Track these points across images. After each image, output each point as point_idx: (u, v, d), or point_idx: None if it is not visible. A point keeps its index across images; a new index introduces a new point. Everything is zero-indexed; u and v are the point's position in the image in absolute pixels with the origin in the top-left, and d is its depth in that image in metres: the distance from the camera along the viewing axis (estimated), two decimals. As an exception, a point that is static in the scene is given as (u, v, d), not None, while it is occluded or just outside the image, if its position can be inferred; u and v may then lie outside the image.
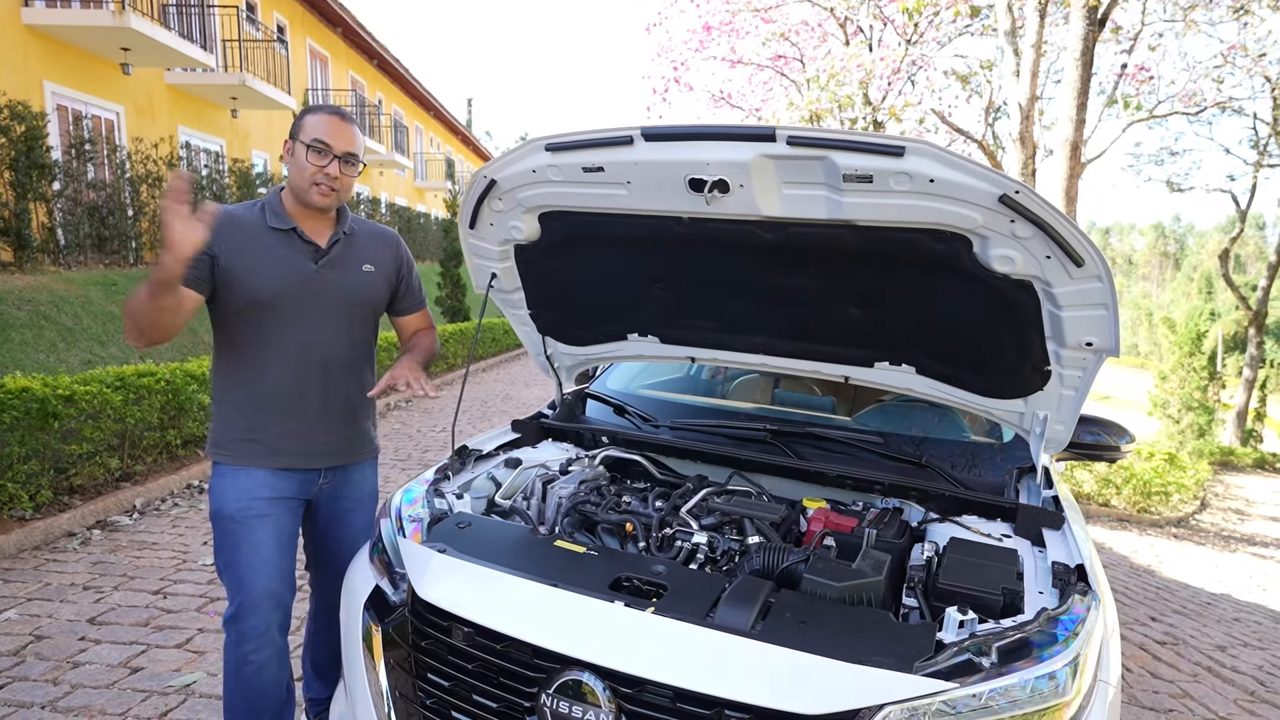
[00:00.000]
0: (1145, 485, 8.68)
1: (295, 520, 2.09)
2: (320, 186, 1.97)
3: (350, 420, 2.15)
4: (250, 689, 2.01)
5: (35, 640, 3.10)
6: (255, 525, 1.97)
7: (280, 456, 2.02)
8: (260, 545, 1.97)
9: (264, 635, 1.98)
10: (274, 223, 2.01)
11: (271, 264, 1.97)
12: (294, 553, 2.08)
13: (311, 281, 2.02)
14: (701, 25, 12.04)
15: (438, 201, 29.25)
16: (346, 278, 2.08)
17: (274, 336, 1.99)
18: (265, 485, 2.00)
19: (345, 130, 1.98)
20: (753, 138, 1.65)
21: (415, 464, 6.53)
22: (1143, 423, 16.32)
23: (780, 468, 2.25)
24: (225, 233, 1.93)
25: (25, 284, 7.44)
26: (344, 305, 2.08)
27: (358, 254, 2.13)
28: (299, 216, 2.04)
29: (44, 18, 9.51)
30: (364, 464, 2.25)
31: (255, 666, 1.99)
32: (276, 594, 1.99)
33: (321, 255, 2.05)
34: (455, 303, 14.29)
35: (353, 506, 2.22)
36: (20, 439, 4.21)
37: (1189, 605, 5.32)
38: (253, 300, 1.96)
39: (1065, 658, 1.39)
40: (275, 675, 2.04)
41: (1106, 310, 1.71)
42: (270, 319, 1.98)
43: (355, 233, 2.15)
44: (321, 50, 18.61)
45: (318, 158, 1.95)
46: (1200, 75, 11.49)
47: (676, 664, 1.41)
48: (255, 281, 1.95)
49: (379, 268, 2.17)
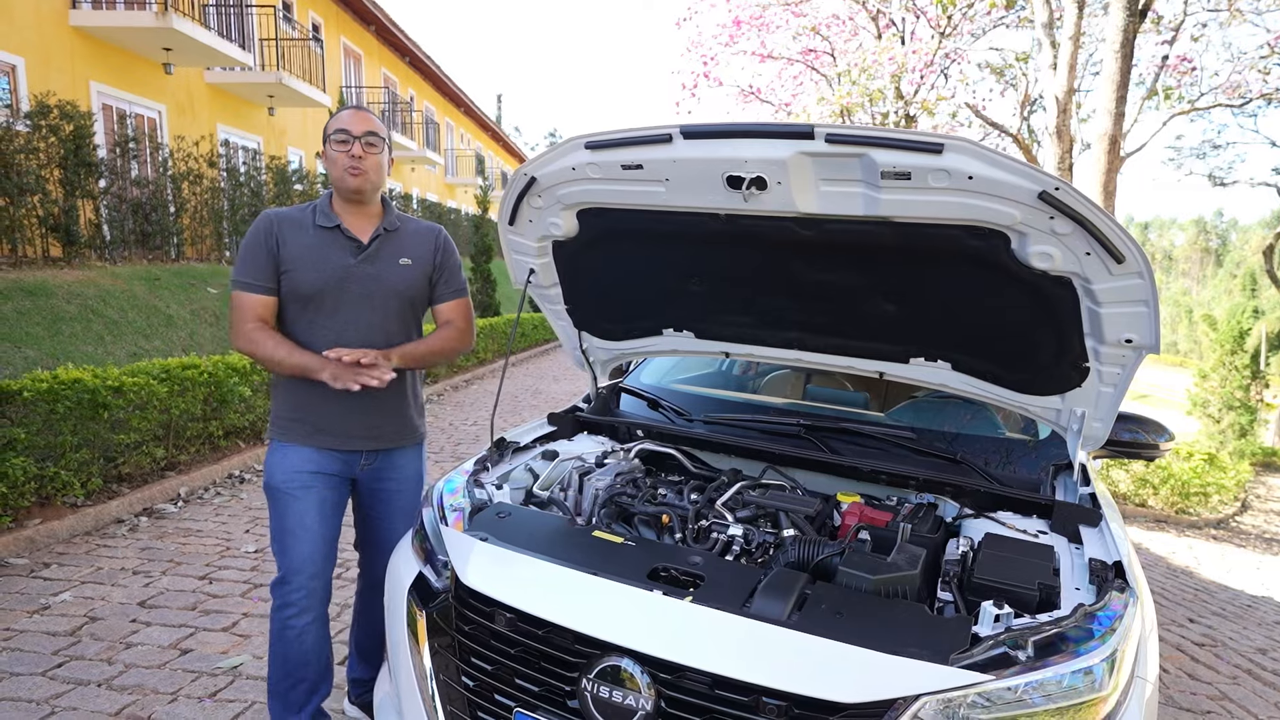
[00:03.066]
0: (1184, 486, 8.50)
1: (339, 493, 2.23)
2: (351, 169, 2.12)
3: (387, 408, 2.24)
4: (292, 654, 2.15)
5: (90, 621, 3.22)
6: (299, 495, 2.13)
7: (322, 436, 2.17)
8: (303, 514, 2.13)
9: (305, 600, 2.13)
10: (321, 221, 2.17)
11: (316, 259, 2.13)
12: (337, 524, 2.23)
13: (351, 274, 2.15)
14: (731, 20, 11.98)
15: (468, 197, 29.50)
16: (384, 271, 2.19)
17: (318, 326, 2.14)
18: (309, 460, 2.16)
19: (361, 116, 2.15)
20: (791, 135, 1.67)
21: (448, 456, 6.63)
22: (1182, 422, 15.96)
23: (814, 462, 2.27)
24: (282, 231, 2.14)
25: (74, 279, 7.67)
26: (381, 297, 2.18)
27: (398, 249, 2.23)
28: (344, 215, 2.19)
29: (90, 19, 9.78)
30: (407, 449, 2.33)
31: (296, 632, 2.14)
32: (317, 560, 2.14)
33: (362, 250, 2.17)
34: (486, 298, 14.42)
35: (397, 488, 2.32)
36: (72, 428, 4.37)
37: (1228, 608, 5.23)
38: (299, 293, 2.13)
39: (1102, 653, 1.39)
40: (315, 643, 2.18)
41: (1147, 307, 1.70)
42: (314, 310, 2.14)
43: (399, 229, 2.25)
44: (355, 48, 18.86)
45: (342, 145, 2.12)
46: (1246, 67, 11.18)
47: (715, 652, 1.44)
48: (302, 276, 2.12)
49: (416, 261, 2.26)
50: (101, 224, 8.84)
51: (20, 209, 7.55)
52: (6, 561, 3.81)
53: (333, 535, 2.20)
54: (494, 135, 35.30)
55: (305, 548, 2.12)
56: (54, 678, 2.78)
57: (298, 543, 2.11)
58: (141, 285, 8.42)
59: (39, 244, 7.97)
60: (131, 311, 7.80)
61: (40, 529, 4.05)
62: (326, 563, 2.17)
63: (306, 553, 2.12)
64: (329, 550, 2.18)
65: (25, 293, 6.86)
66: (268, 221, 2.15)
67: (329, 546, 2.18)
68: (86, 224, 8.46)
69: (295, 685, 2.17)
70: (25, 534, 3.96)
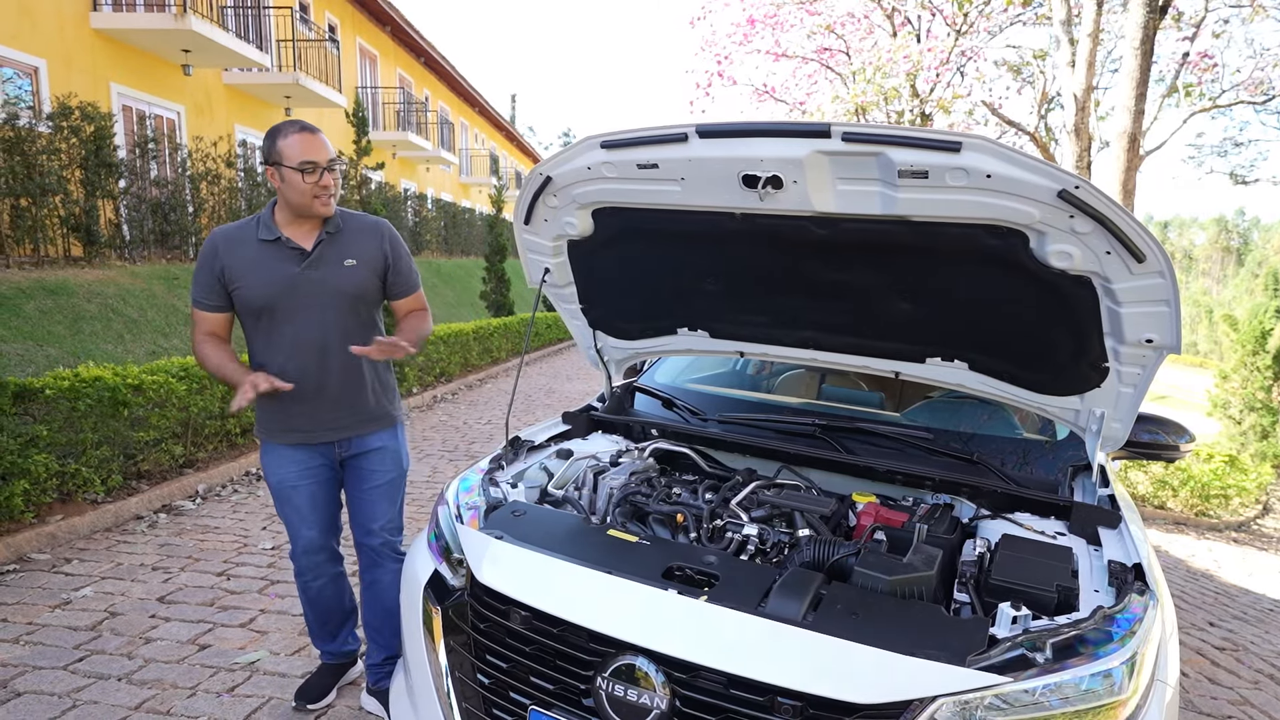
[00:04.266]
0: (1204, 488, 8.39)
1: (327, 484, 2.43)
2: (321, 198, 2.20)
3: (353, 399, 2.37)
4: (317, 604, 2.56)
5: (110, 616, 3.26)
6: (290, 494, 2.39)
7: (297, 433, 2.35)
8: (299, 507, 2.40)
9: (316, 569, 2.48)
10: (263, 235, 2.25)
11: (262, 273, 2.23)
12: (332, 506, 2.47)
13: (297, 282, 2.24)
14: (746, 19, 11.95)
15: (482, 197, 29.60)
16: (329, 275, 2.27)
17: (274, 334, 2.27)
18: (293, 461, 2.37)
19: (320, 142, 2.20)
20: (808, 134, 1.66)
21: (462, 455, 6.66)
22: (1202, 423, 15.74)
23: (829, 462, 2.26)
24: (225, 251, 2.23)
25: (94, 278, 7.77)
26: (330, 299, 2.27)
27: (341, 250, 2.30)
28: (286, 226, 2.27)
29: (110, 22, 9.90)
30: (382, 432, 2.45)
31: (315, 590, 2.51)
32: (318, 541, 2.44)
33: (305, 258, 2.25)
34: (500, 297, 14.46)
35: (373, 467, 2.45)
36: (93, 425, 4.42)
37: (1250, 611, 5.15)
38: (250, 306, 2.25)
39: (1121, 656, 1.38)
40: (333, 595, 2.56)
41: (1168, 307, 1.68)
42: (268, 319, 2.26)
43: (342, 229, 2.32)
44: (371, 49, 18.97)
45: (312, 176, 2.17)
46: (1269, 63, 11.02)
47: (729, 651, 1.44)
48: (250, 290, 2.23)
49: (362, 260, 2.32)
50: (121, 224, 8.95)
51: (42, 209, 7.65)
52: (29, 557, 3.86)
53: (329, 517, 2.45)
54: (508, 135, 35.40)
55: (305, 532, 2.41)
56: (75, 671, 2.81)
57: (299, 529, 2.41)
58: (160, 284, 8.52)
59: (60, 244, 8.08)
60: (151, 310, 7.90)
61: (62, 525, 4.11)
62: (327, 539, 2.45)
63: (307, 536, 2.41)
64: (328, 527, 2.45)
65: (47, 292, 6.96)
66: (212, 243, 2.25)
67: (327, 526, 2.45)
68: (107, 224, 8.57)
69: (325, 623, 2.60)
70: (47, 530, 4.02)
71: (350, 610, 2.65)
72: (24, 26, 8.84)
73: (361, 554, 2.51)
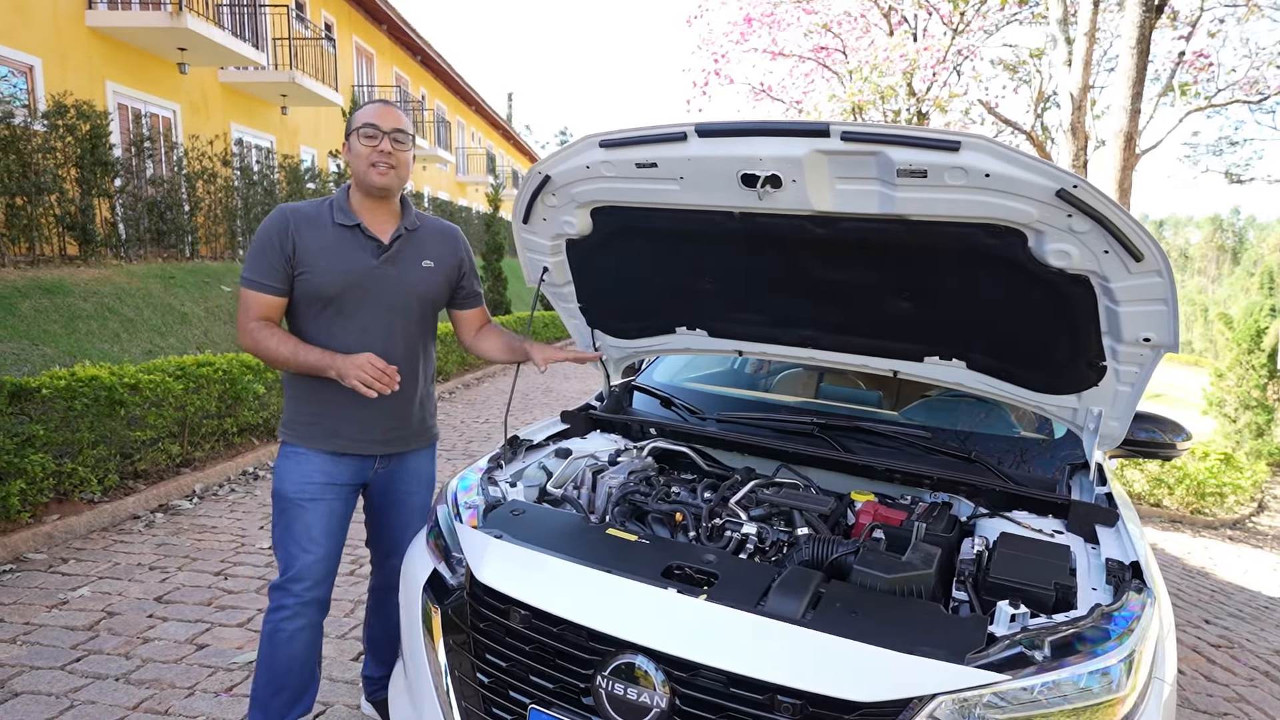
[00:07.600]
0: (1199, 486, 8.42)
1: (347, 505, 2.19)
2: (378, 166, 2.04)
3: (408, 410, 2.22)
4: (280, 658, 2.10)
5: (107, 616, 3.26)
6: (308, 507, 2.08)
7: (340, 440, 2.12)
8: (310, 525, 2.08)
9: (301, 607, 2.09)
10: (340, 219, 2.08)
11: (336, 260, 2.05)
12: (343, 536, 2.18)
13: (373, 276, 2.09)
14: (743, 17, 11.96)
15: (479, 195, 29.57)
16: (406, 273, 2.14)
17: (337, 328, 2.08)
18: (321, 471, 2.10)
19: (390, 112, 2.08)
20: (807, 133, 1.66)
21: (460, 454, 6.66)
22: (1197, 421, 15.80)
23: (828, 461, 2.27)
24: (297, 230, 2.05)
25: (90, 277, 7.75)
26: (403, 300, 2.14)
27: (419, 250, 2.18)
28: (363, 212, 2.11)
29: (106, 20, 9.86)
30: (420, 451, 2.32)
31: (287, 635, 2.09)
32: (318, 574, 2.10)
33: (383, 250, 2.11)
34: (497, 296, 14.46)
35: (411, 490, 2.29)
36: (90, 425, 4.41)
37: (1245, 609, 5.17)
38: (318, 294, 2.06)
39: (1119, 654, 1.39)
40: (304, 650, 2.13)
41: (1166, 305, 1.69)
42: (334, 311, 2.07)
43: (419, 228, 2.21)
44: (367, 47, 18.93)
45: (370, 140, 2.03)
46: (1264, 62, 11.04)
47: (729, 649, 1.44)
48: (321, 276, 2.04)
49: (439, 264, 2.22)
50: (117, 223, 8.92)
51: (38, 208, 7.62)
52: (26, 557, 3.85)
53: (337, 548, 2.16)
54: (505, 134, 35.36)
55: (309, 559, 2.08)
56: (73, 671, 2.81)
57: (302, 553, 2.08)
58: (157, 283, 8.49)
59: (56, 242, 8.05)
60: (147, 309, 7.87)
61: (59, 525, 4.10)
62: (328, 575, 2.14)
63: (309, 564, 2.08)
64: (331, 563, 2.14)
65: (43, 291, 6.94)
66: (283, 219, 2.05)
67: (332, 560, 2.15)
68: (103, 223, 8.54)
69: (278, 693, 2.11)
70: (44, 530, 4.01)
71: (310, 683, 2.19)
72: (19, 24, 8.80)
73: (379, 571, 2.38)
